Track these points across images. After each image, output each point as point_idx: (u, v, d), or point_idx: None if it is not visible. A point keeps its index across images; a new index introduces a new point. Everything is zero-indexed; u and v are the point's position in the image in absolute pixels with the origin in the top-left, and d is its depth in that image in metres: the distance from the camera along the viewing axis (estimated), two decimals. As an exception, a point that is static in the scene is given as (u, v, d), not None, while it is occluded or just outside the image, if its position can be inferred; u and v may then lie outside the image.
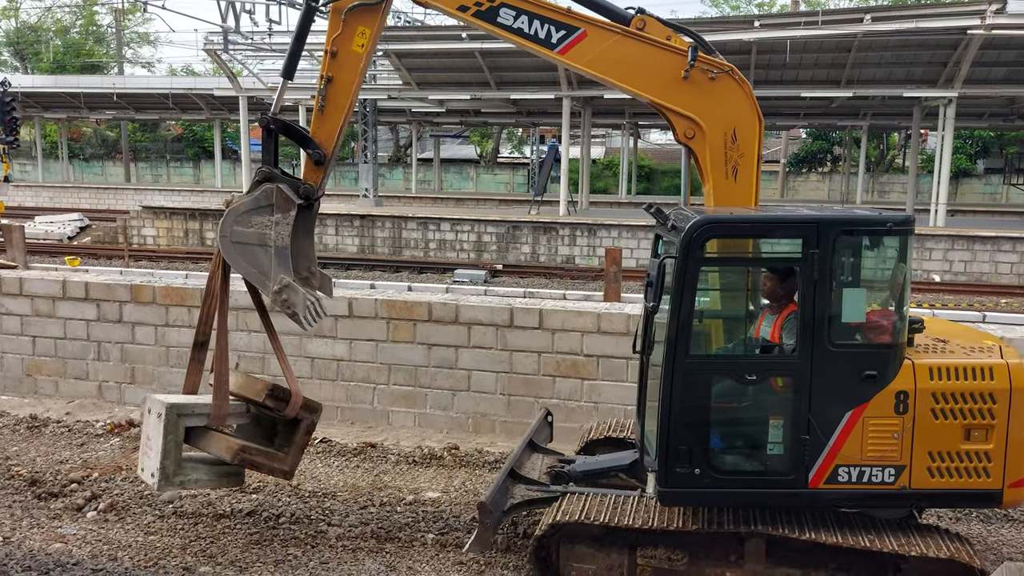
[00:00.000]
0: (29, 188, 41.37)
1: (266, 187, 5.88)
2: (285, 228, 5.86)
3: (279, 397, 6.16)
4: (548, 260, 23.80)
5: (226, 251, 5.86)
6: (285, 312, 5.87)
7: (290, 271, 5.86)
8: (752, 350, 5.81)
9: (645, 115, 36.58)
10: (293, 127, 6.31)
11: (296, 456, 6.39)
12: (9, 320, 11.09)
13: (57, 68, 51.55)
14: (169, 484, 6.08)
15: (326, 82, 6.00)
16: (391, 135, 52.66)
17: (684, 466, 5.24)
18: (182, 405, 6.08)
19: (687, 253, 5.13)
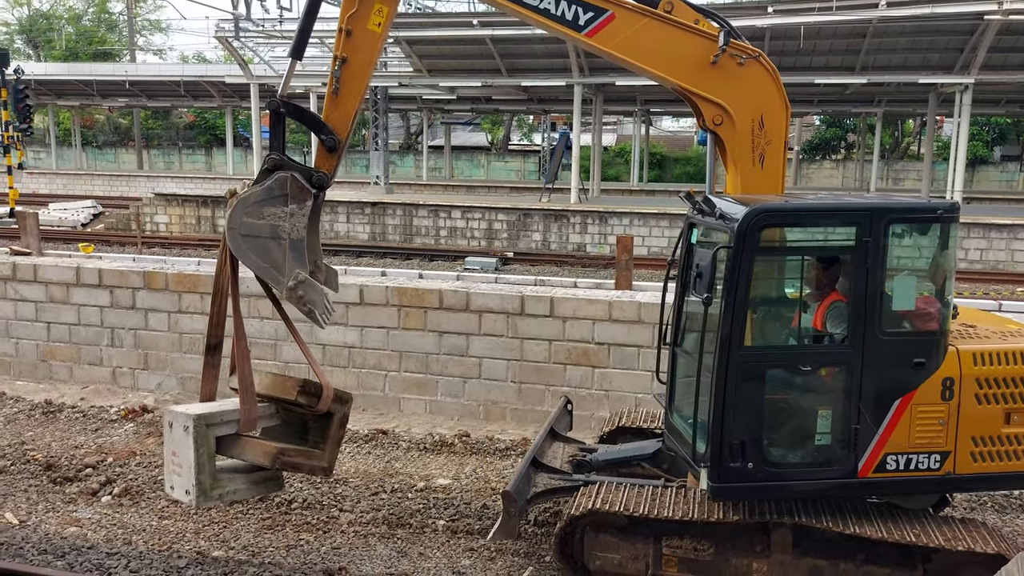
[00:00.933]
0: (43, 175, 41.62)
1: (279, 176, 5.53)
2: (301, 220, 5.54)
3: (311, 392, 5.86)
4: (559, 248, 23.76)
5: (235, 245, 5.49)
6: (300, 309, 5.59)
7: (306, 265, 5.57)
8: (805, 340, 5.65)
9: (657, 102, 36.38)
10: (305, 111, 5.97)
11: (333, 451, 6.08)
12: (24, 306, 11.18)
13: (69, 56, 51.73)
14: (208, 499, 5.74)
15: (340, 63, 5.64)
16: (402, 122, 52.59)
17: (737, 461, 5.16)
18: (209, 415, 5.72)
19: (742, 242, 5.01)
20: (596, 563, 5.77)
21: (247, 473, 5.96)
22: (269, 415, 5.93)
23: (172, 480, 5.85)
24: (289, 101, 5.71)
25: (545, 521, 6.95)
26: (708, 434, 5.22)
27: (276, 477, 6.13)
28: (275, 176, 5.53)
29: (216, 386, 6.04)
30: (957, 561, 5.25)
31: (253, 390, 5.71)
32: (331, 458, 6.02)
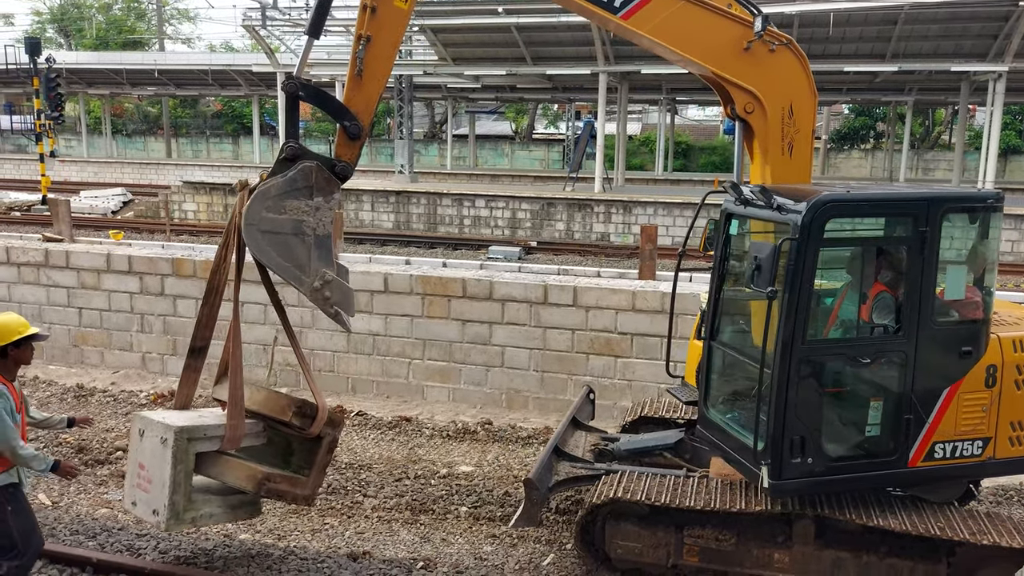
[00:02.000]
0: (74, 163, 42.26)
1: (303, 165, 5.09)
2: (327, 214, 5.12)
3: (307, 415, 5.40)
4: (583, 237, 23.70)
5: (254, 243, 5.01)
6: (326, 311, 5.20)
7: (332, 264, 5.17)
8: (864, 332, 5.54)
9: (683, 90, 36.06)
10: (326, 94, 5.45)
11: (319, 478, 5.68)
12: (56, 292, 11.41)
13: (100, 45, 52.34)
14: (179, 523, 5.27)
15: (364, 43, 5.20)
16: (426, 111, 52.63)
17: (797, 456, 5.09)
18: (192, 428, 5.22)
19: (807, 234, 4.91)
20: (617, 551, 5.79)
21: (223, 495, 5.50)
22: (256, 433, 5.44)
23: (135, 495, 5.33)
24: (309, 83, 5.28)
25: (567, 509, 7.00)
26: (766, 430, 5.11)
27: (254, 502, 5.72)
28: (298, 166, 5.09)
29: (193, 392, 5.72)
30: (982, 555, 5.23)
31: (243, 404, 5.25)
32: (315, 486, 5.61)
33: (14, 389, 4.92)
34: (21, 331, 4.89)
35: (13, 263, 11.49)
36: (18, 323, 4.95)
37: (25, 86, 34.28)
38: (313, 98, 5.26)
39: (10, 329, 4.87)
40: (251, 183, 5.19)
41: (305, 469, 5.58)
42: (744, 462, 5.39)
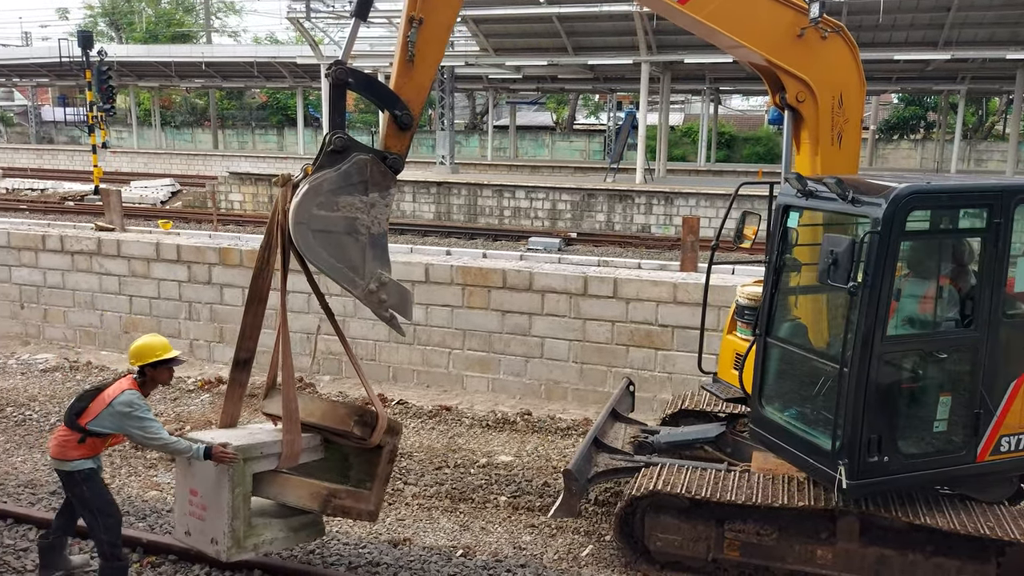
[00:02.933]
0: (125, 154, 43.29)
1: (358, 158, 4.73)
2: (383, 211, 4.80)
3: (368, 423, 5.02)
4: (623, 229, 23.57)
5: (304, 243, 4.65)
6: (380, 315, 4.90)
7: (388, 264, 4.87)
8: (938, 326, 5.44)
9: (727, 80, 35.56)
10: (376, 81, 5.07)
11: (381, 491, 5.26)
12: (108, 280, 11.73)
13: (149, 38, 53.44)
14: (241, 550, 4.96)
15: (417, 25, 4.84)
16: (468, 102, 52.72)
17: (874, 455, 5.02)
18: (248, 447, 4.93)
19: (890, 226, 4.78)
20: (657, 544, 5.79)
21: (283, 517, 5.20)
22: (314, 448, 5.10)
23: (189, 524, 5.03)
24: (357, 70, 4.89)
25: (606, 501, 7.00)
26: (843, 429, 5.01)
27: (316, 523, 5.37)
28: (352, 159, 4.73)
29: (239, 409, 5.43)
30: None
31: (298, 418, 4.93)
32: (379, 499, 5.26)
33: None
34: (160, 354, 5.04)
35: (67, 251, 11.84)
36: (160, 346, 5.10)
37: (78, 79, 35.22)
38: (362, 86, 4.86)
39: (151, 350, 5.04)
40: (292, 178, 4.88)
41: (366, 482, 5.19)
42: (813, 462, 5.26)
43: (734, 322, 6.51)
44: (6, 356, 11.29)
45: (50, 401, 9.48)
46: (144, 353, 5.05)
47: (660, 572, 5.89)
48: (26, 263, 12.08)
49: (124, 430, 4.94)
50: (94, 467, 5.09)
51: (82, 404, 5.06)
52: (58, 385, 10.11)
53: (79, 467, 5.01)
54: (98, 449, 5.08)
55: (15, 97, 59.59)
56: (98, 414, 4.95)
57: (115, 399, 4.94)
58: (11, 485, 7.02)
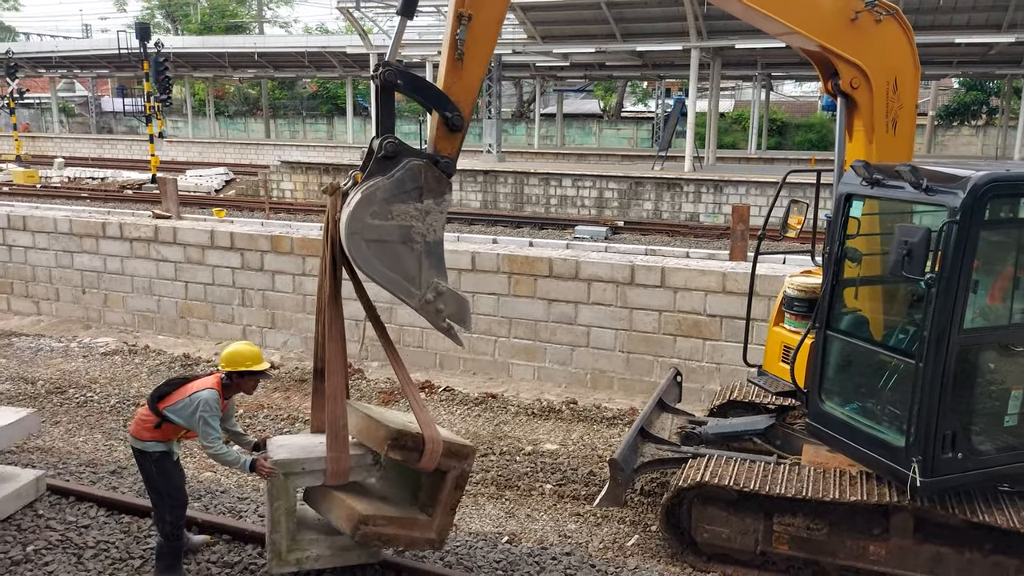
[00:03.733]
0: (180, 143, 44.31)
1: (411, 164, 4.53)
2: (438, 218, 4.63)
3: (406, 446, 4.68)
4: (671, 217, 23.31)
5: (359, 254, 4.48)
6: (438, 326, 4.72)
7: (444, 273, 4.69)
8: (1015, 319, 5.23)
9: (779, 65, 34.79)
10: (425, 82, 4.84)
11: (446, 519, 4.93)
12: (165, 266, 12.05)
13: (204, 29, 54.56)
14: (282, 563, 4.90)
15: (466, 21, 4.63)
16: (514, 90, 52.63)
17: (948, 452, 4.91)
18: (290, 462, 4.84)
19: (970, 216, 4.65)
20: (704, 536, 5.75)
21: (332, 535, 5.01)
22: (366, 466, 4.87)
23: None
24: (405, 71, 4.70)
25: (652, 491, 6.97)
26: (916, 425, 4.89)
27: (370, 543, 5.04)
28: (404, 165, 4.53)
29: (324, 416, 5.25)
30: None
31: (346, 434, 4.79)
32: (441, 526, 4.91)
33: (225, 406, 5.24)
34: (249, 365, 5.12)
35: (126, 238, 12.20)
36: (251, 356, 5.16)
37: (136, 70, 36.17)
38: (410, 87, 4.64)
39: (242, 359, 5.13)
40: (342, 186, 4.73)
41: (429, 507, 4.93)
42: (881, 458, 5.15)
43: (781, 313, 6.38)
44: (68, 339, 11.70)
45: (110, 384, 9.80)
46: (234, 360, 5.14)
47: (707, 564, 5.85)
48: (87, 249, 12.49)
49: (191, 426, 5.07)
50: (166, 451, 5.22)
51: (166, 389, 5.22)
52: (117, 368, 10.45)
53: (151, 448, 5.16)
54: (170, 436, 5.21)
55: (76, 88, 61.50)
56: (176, 403, 5.10)
57: (193, 393, 5.07)
58: (73, 464, 7.28)
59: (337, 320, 4.83)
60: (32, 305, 13.08)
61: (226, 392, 5.21)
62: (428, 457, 4.67)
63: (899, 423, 5.04)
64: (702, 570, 5.83)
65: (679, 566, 5.90)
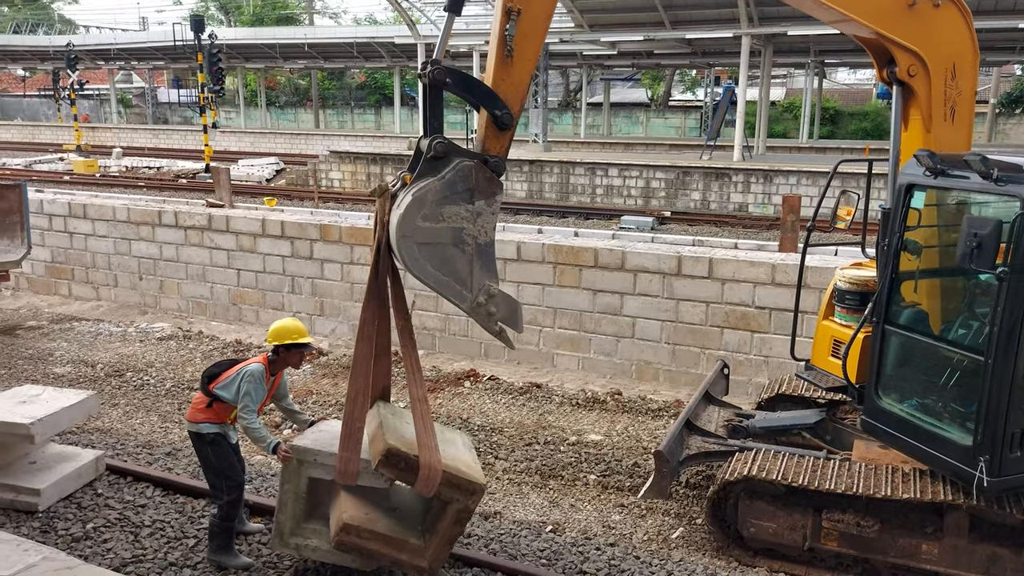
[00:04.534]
0: (233, 134, 45.18)
1: (462, 165, 4.44)
2: (489, 219, 4.55)
3: (399, 466, 4.51)
4: (719, 208, 23.00)
5: (410, 257, 4.39)
6: (489, 329, 4.64)
7: (495, 275, 4.63)
8: None
9: (833, 52, 33.98)
10: (474, 80, 4.70)
11: (439, 551, 4.79)
12: (218, 254, 12.33)
13: (256, 21, 55.48)
14: (282, 544, 5.00)
15: (515, 16, 4.50)
16: (561, 79, 52.40)
17: (1016, 451, 4.80)
18: (305, 449, 4.92)
19: None
20: (750, 530, 5.70)
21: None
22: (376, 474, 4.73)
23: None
24: (455, 69, 4.61)
25: (697, 484, 6.92)
26: (983, 423, 4.78)
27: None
28: (455, 166, 4.45)
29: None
30: None
31: (359, 437, 4.70)
32: (435, 559, 4.76)
33: (276, 382, 5.41)
34: (294, 338, 5.28)
35: (181, 226, 12.51)
36: (295, 330, 5.33)
37: (191, 61, 36.97)
38: (460, 86, 4.54)
39: (287, 332, 5.30)
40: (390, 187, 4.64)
41: (430, 533, 4.80)
42: (944, 457, 5.03)
43: (831, 307, 6.26)
44: (126, 324, 12.07)
45: (166, 368, 10.09)
46: (280, 334, 5.31)
47: (753, 558, 5.79)
48: (144, 237, 12.85)
49: (237, 399, 5.21)
50: (220, 432, 5.36)
51: (216, 370, 5.41)
52: (173, 353, 10.75)
53: (205, 430, 5.32)
54: (223, 417, 5.35)
55: (134, 80, 63.13)
56: (225, 380, 5.28)
57: (243, 367, 5.27)
58: (131, 445, 7.53)
59: (370, 323, 4.73)
60: (92, 291, 13.52)
61: (273, 368, 5.35)
62: (423, 482, 4.52)
63: (964, 421, 4.91)
64: (748, 564, 5.77)
65: (724, 560, 5.86)
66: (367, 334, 4.72)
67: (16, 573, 3.06)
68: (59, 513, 6.06)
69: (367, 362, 4.70)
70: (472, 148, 4.68)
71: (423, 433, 4.56)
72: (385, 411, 5.01)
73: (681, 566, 5.60)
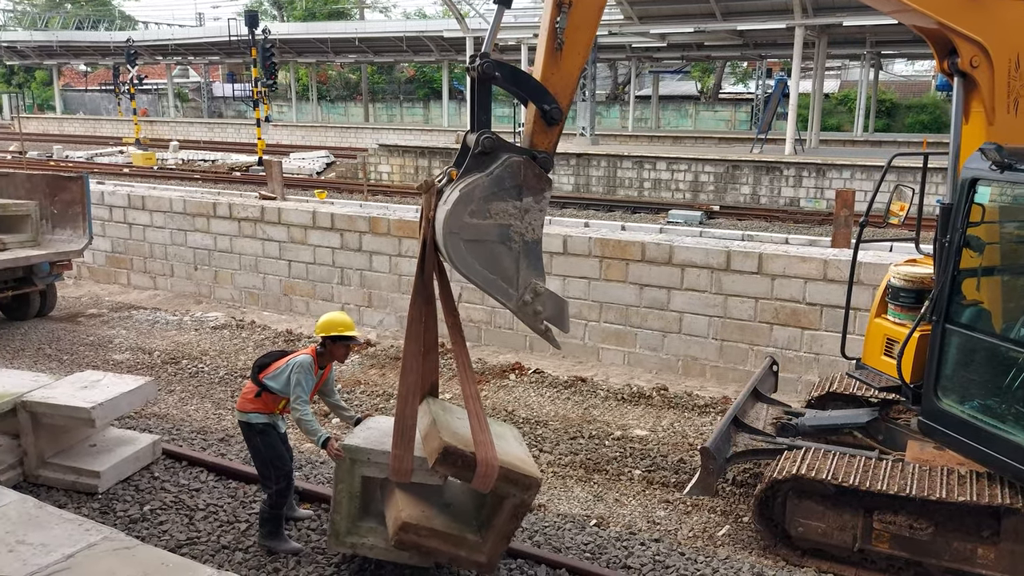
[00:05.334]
0: (284, 127, 46.01)
1: (511, 161, 4.37)
2: (537, 216, 4.48)
3: (456, 464, 4.48)
4: (770, 202, 22.62)
5: (457, 254, 4.34)
6: (535, 328, 4.57)
7: (542, 274, 4.55)
8: None
9: (890, 43, 33.07)
10: (524, 74, 4.59)
11: (496, 545, 4.77)
12: (270, 245, 12.58)
13: (308, 16, 56.32)
14: (338, 543, 5.03)
15: (567, 9, 4.39)
16: (609, 72, 52.03)
17: None
18: (357, 449, 4.92)
19: None
20: (799, 529, 5.62)
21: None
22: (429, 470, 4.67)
23: None
24: (505, 62, 4.55)
25: (744, 482, 6.85)
26: None
27: None
28: (502, 161, 4.38)
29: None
30: None
31: (412, 434, 4.67)
32: (492, 553, 4.74)
33: (324, 376, 5.52)
34: (341, 331, 5.40)
35: (235, 218, 12.79)
36: (342, 323, 5.44)
37: (245, 56, 37.72)
38: (509, 80, 4.46)
39: (334, 325, 5.42)
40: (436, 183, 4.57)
41: (486, 527, 4.80)
42: (1009, 460, 4.89)
43: (884, 304, 6.11)
44: (182, 313, 12.41)
45: (219, 356, 10.35)
46: (328, 326, 5.42)
47: (801, 558, 5.71)
48: (199, 228, 13.17)
49: (286, 390, 5.32)
50: (269, 423, 5.48)
51: (266, 360, 5.53)
52: (226, 341, 11.01)
53: (255, 420, 5.44)
54: (271, 408, 5.47)
55: (190, 74, 64.66)
56: (275, 371, 5.39)
57: (293, 359, 5.38)
58: (186, 431, 7.75)
59: (418, 320, 4.70)
60: (150, 280, 13.93)
61: (320, 360, 5.43)
62: (480, 479, 4.50)
63: None
64: (796, 564, 5.69)
65: (771, 559, 5.78)
66: (415, 332, 4.69)
67: (79, 551, 3.19)
68: (118, 495, 6.28)
69: (416, 360, 4.68)
70: (519, 143, 4.62)
71: (478, 430, 4.52)
72: (435, 407, 4.97)
73: (727, 564, 5.55)
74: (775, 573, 5.49)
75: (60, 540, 3.24)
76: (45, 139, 43.94)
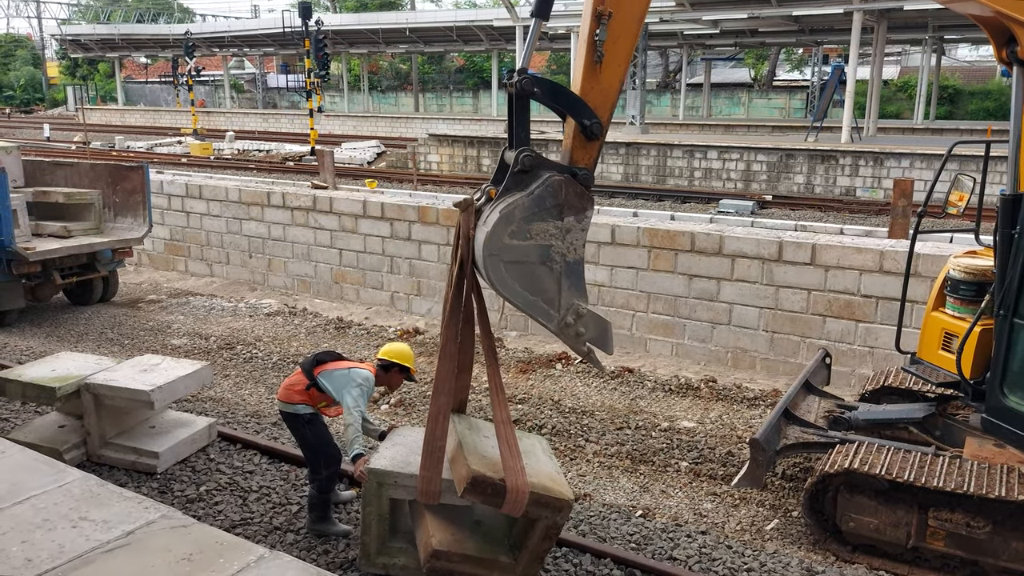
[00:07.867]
0: (336, 117, 46.57)
1: (552, 181, 4.23)
2: (579, 236, 4.34)
3: (486, 492, 4.37)
4: (824, 192, 22.10)
5: (497, 276, 4.21)
6: (577, 350, 4.46)
7: (584, 294, 4.43)
8: None
9: (953, 28, 31.92)
10: (562, 89, 4.40)
11: (532, 566, 4.71)
12: (321, 234, 12.79)
13: (360, 7, 56.80)
14: (370, 564, 5.02)
15: (606, 20, 4.18)
16: (660, 60, 51.36)
17: None
18: (384, 472, 4.86)
19: None
20: (850, 525, 5.52)
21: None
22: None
23: None
24: (543, 78, 4.40)
25: (794, 476, 6.75)
26: None
27: None
28: (543, 181, 4.23)
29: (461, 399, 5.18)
30: None
31: (442, 456, 4.56)
32: (525, 573, 4.70)
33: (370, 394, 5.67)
34: (406, 362, 5.59)
35: (288, 207, 13.04)
36: (406, 355, 5.64)
37: (298, 47, 38.25)
38: (548, 96, 4.32)
39: (398, 355, 5.61)
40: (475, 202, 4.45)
41: (518, 549, 4.76)
42: None
43: (942, 297, 5.93)
44: (237, 300, 12.71)
45: (272, 342, 10.58)
46: (398, 355, 5.59)
47: (852, 554, 5.61)
48: (254, 217, 13.46)
49: (341, 394, 5.38)
50: (315, 412, 5.59)
51: (325, 357, 5.61)
52: (279, 328, 11.25)
53: (302, 410, 5.55)
54: (315, 403, 5.56)
55: (245, 66, 65.92)
56: (333, 370, 5.47)
57: (355, 369, 5.47)
58: (240, 415, 7.95)
59: (453, 340, 4.57)
60: (206, 267, 14.30)
61: (376, 380, 5.54)
62: (510, 505, 4.38)
63: None
64: (847, 560, 5.60)
65: (821, 554, 5.70)
66: (450, 352, 4.56)
67: (138, 528, 3.31)
68: (175, 475, 6.49)
69: (450, 380, 4.56)
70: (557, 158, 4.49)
71: (508, 456, 4.40)
72: (462, 426, 4.89)
73: (775, 558, 5.49)
74: (825, 569, 5.41)
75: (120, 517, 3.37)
76: (108, 130, 45.33)
